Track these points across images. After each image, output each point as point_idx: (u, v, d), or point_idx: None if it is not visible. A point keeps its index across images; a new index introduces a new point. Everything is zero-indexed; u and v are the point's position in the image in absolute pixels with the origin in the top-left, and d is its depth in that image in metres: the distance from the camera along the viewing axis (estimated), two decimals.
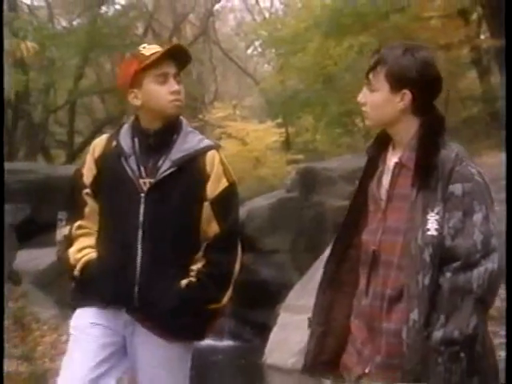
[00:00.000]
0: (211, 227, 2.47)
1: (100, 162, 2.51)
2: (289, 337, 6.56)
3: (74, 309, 2.54)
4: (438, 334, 1.80)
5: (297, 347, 5.74)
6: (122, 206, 2.45)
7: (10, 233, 7.97)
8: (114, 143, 2.51)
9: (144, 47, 2.50)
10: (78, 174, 2.55)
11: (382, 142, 2.09)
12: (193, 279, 2.42)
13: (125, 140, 2.49)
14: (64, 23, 20.70)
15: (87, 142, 15.91)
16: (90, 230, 2.51)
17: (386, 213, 1.99)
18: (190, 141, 2.50)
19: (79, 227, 2.50)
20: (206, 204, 2.45)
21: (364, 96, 2.04)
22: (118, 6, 20.59)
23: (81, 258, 2.46)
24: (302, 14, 16.91)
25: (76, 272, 2.45)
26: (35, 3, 21.50)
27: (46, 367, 5.19)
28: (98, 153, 2.52)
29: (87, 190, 2.50)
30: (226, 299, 2.49)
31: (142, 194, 2.41)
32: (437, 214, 1.86)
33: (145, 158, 2.45)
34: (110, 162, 2.49)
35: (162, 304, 2.38)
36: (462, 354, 1.79)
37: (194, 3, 23.53)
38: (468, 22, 13.07)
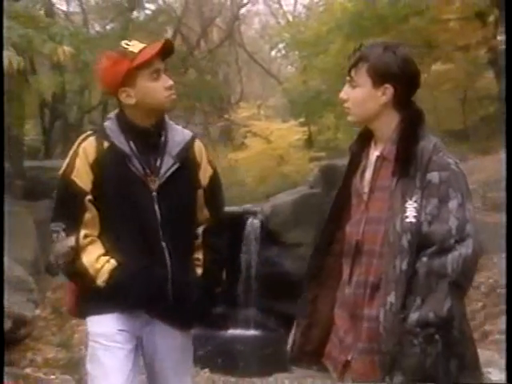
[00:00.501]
0: (203, 213, 2.48)
1: (96, 166, 2.31)
2: None
3: (84, 316, 2.43)
4: (413, 316, 1.80)
5: None
6: (134, 207, 2.32)
7: (49, 227, 8.03)
8: (106, 144, 2.34)
9: (128, 44, 2.33)
10: (68, 182, 2.33)
11: (365, 139, 2.10)
12: (202, 268, 2.45)
13: (118, 140, 2.33)
14: (98, 28, 20.86)
15: None
16: (93, 238, 2.33)
17: (368, 204, 2.00)
18: (177, 133, 2.45)
19: (85, 236, 2.31)
20: (200, 191, 2.45)
21: (346, 93, 2.04)
22: (148, 12, 20.74)
23: (102, 268, 2.29)
24: (323, 17, 16.83)
25: (101, 282, 2.28)
26: (71, 9, 21.71)
27: (82, 354, 5.23)
28: (92, 157, 2.32)
29: (89, 197, 2.31)
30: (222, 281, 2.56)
31: (154, 193, 2.33)
32: (415, 201, 1.87)
33: (145, 157, 2.34)
34: (109, 165, 2.32)
35: (190, 296, 2.38)
36: (437, 336, 1.78)
37: (220, 8, 23.57)
38: (485, 23, 12.89)
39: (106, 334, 2.35)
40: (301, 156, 16.26)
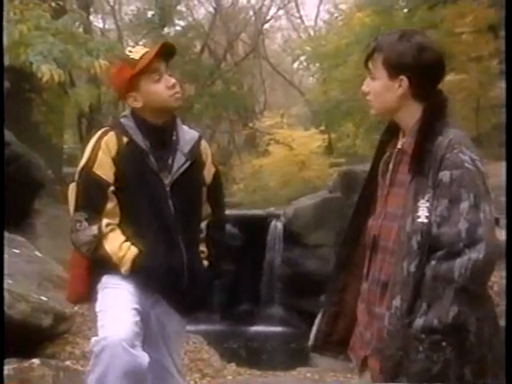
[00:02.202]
0: (205, 209, 2.49)
1: (118, 160, 2.32)
2: None
3: (100, 275, 2.33)
4: (419, 322, 1.64)
5: None
6: (151, 200, 2.34)
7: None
8: (126, 140, 2.34)
9: (131, 51, 2.37)
10: (91, 174, 2.31)
11: (393, 129, 1.91)
12: (206, 260, 2.47)
13: (137, 136, 2.34)
14: (131, 43, 21.02)
15: None
16: (114, 226, 2.32)
17: (387, 198, 1.85)
18: (187, 132, 2.46)
19: (107, 225, 2.30)
20: (204, 189, 2.47)
21: (367, 85, 1.87)
22: (178, 28, 20.91)
23: (124, 256, 2.28)
24: (343, 31, 16.76)
25: (124, 271, 2.28)
26: (107, 26, 22.03)
27: None
28: (114, 150, 2.32)
29: (112, 188, 2.31)
30: None
31: (168, 188, 2.35)
32: (427, 201, 1.69)
33: (159, 153, 2.35)
34: (129, 159, 2.33)
35: (202, 284, 2.41)
36: (444, 344, 1.62)
37: (245, 23, 23.63)
38: (497, 36, 12.74)
39: (118, 283, 2.30)
40: (321, 162, 16.20)
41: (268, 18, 24.29)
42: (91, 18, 17.54)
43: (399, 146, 1.86)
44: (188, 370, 4.83)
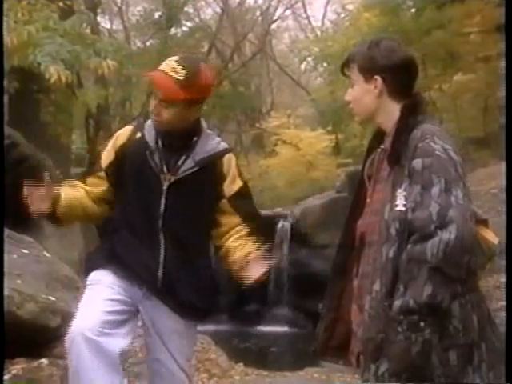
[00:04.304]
0: (232, 219, 2.49)
1: (121, 151, 2.45)
2: None
3: (90, 271, 2.44)
4: (397, 304, 1.69)
5: None
6: (144, 195, 2.41)
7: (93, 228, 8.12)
8: (139, 135, 2.46)
9: (181, 70, 2.42)
10: (98, 155, 2.54)
11: (379, 135, 2.01)
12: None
13: (149, 134, 2.45)
14: (139, 44, 21.13)
15: None
16: (80, 185, 2.50)
17: (372, 196, 1.93)
18: (210, 143, 2.48)
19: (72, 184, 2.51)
20: (224, 201, 2.48)
21: (348, 94, 2.00)
22: (185, 28, 20.93)
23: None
24: (350, 31, 16.76)
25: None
26: (114, 27, 22.12)
27: None
28: (120, 142, 2.47)
29: (101, 173, 2.46)
30: None
31: (164, 188, 2.39)
32: (404, 190, 1.78)
33: (167, 155, 2.41)
34: (133, 152, 2.44)
35: (180, 291, 2.39)
36: (422, 324, 1.65)
37: (252, 24, 23.66)
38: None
39: (98, 280, 2.36)
40: (328, 162, 16.22)
41: (275, 18, 24.34)
42: (99, 18, 17.60)
43: (382, 146, 1.95)
44: (195, 370, 4.84)
